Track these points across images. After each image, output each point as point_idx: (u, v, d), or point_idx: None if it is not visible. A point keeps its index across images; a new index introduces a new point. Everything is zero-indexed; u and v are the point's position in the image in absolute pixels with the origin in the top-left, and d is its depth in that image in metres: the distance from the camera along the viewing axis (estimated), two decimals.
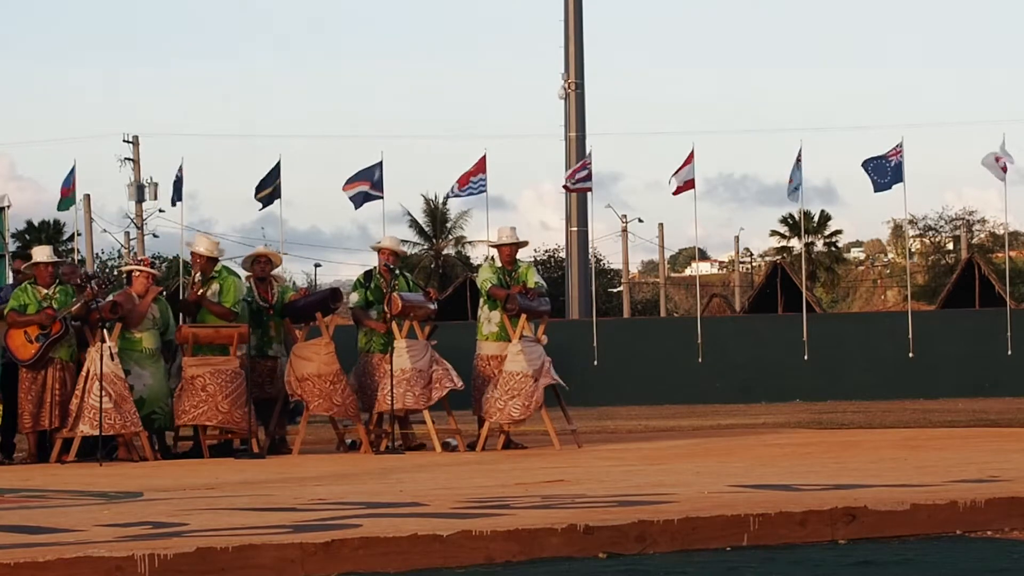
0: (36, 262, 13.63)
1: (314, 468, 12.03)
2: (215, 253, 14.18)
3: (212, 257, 14.13)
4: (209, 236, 14.60)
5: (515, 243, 14.56)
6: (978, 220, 67.42)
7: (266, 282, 14.47)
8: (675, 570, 5.82)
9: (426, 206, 64.32)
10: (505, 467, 11.35)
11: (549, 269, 57.17)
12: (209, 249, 14.17)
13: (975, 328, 33.31)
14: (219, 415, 13.58)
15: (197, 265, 14.19)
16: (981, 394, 30.55)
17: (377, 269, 14.62)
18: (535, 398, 13.99)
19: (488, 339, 14.34)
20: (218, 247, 14.38)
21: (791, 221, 63.23)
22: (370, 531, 6.14)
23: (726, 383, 32.24)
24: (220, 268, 14.19)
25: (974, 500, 6.96)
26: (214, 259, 14.15)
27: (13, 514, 7.83)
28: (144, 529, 6.60)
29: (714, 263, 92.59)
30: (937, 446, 12.90)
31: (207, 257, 14.10)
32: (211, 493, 9.18)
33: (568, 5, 40.38)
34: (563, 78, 40.60)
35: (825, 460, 11.16)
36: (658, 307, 63.64)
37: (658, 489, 8.16)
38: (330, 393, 13.77)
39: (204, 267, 14.11)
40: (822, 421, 19.84)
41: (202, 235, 14.73)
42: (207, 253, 14.12)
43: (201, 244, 14.29)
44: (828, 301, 66.25)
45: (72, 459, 13.20)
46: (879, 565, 5.87)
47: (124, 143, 54.29)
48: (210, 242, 14.37)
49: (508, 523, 6.32)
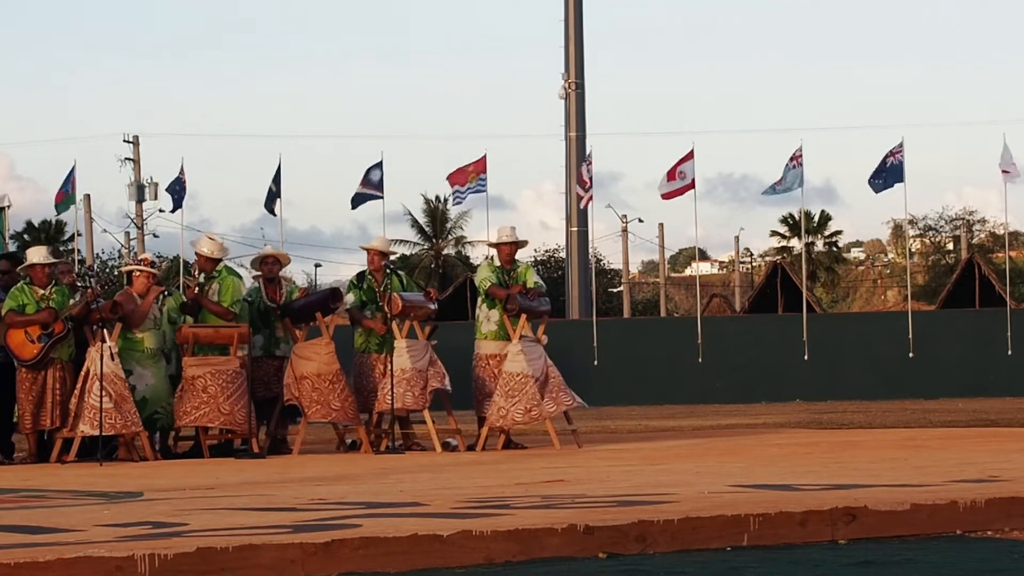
0: (32, 263, 13.62)
1: (314, 468, 12.03)
2: (216, 254, 14.21)
3: (214, 258, 14.17)
4: (215, 237, 14.64)
5: (515, 242, 14.57)
6: (978, 220, 67.48)
7: (275, 282, 14.49)
8: (675, 570, 5.82)
9: (426, 206, 64.38)
10: (505, 467, 11.34)
11: (549, 269, 57.18)
12: (211, 250, 14.21)
13: (975, 328, 33.31)
14: (221, 416, 13.59)
15: (200, 265, 14.26)
16: (981, 394, 30.54)
17: (369, 269, 14.64)
18: (546, 409, 13.98)
19: (487, 338, 14.34)
20: (222, 247, 14.41)
21: (791, 221, 63.24)
22: (370, 531, 6.14)
23: (726, 383, 32.24)
24: (221, 268, 14.21)
25: (974, 500, 6.96)
26: (216, 259, 14.18)
27: (13, 514, 7.83)
28: (144, 529, 6.59)
29: (714, 263, 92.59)
30: (937, 446, 12.90)
31: (208, 257, 14.14)
32: (211, 493, 9.18)
33: (568, 5, 40.38)
34: (563, 78, 40.59)
35: (825, 460, 11.16)
36: (658, 307, 63.63)
37: (658, 489, 8.16)
38: (328, 397, 13.74)
39: (206, 267, 14.15)
40: (822, 421, 19.84)
41: (207, 236, 14.76)
42: (208, 254, 14.17)
43: (204, 245, 14.34)
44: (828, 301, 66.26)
45: (72, 459, 13.20)
46: (879, 565, 5.87)
47: (124, 143, 54.34)
48: (213, 243, 14.40)
49: (508, 523, 6.32)
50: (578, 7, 40.39)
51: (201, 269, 14.27)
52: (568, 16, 40.35)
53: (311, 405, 13.77)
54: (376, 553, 5.91)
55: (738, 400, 30.44)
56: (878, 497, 7.07)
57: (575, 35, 40.36)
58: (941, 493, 7.28)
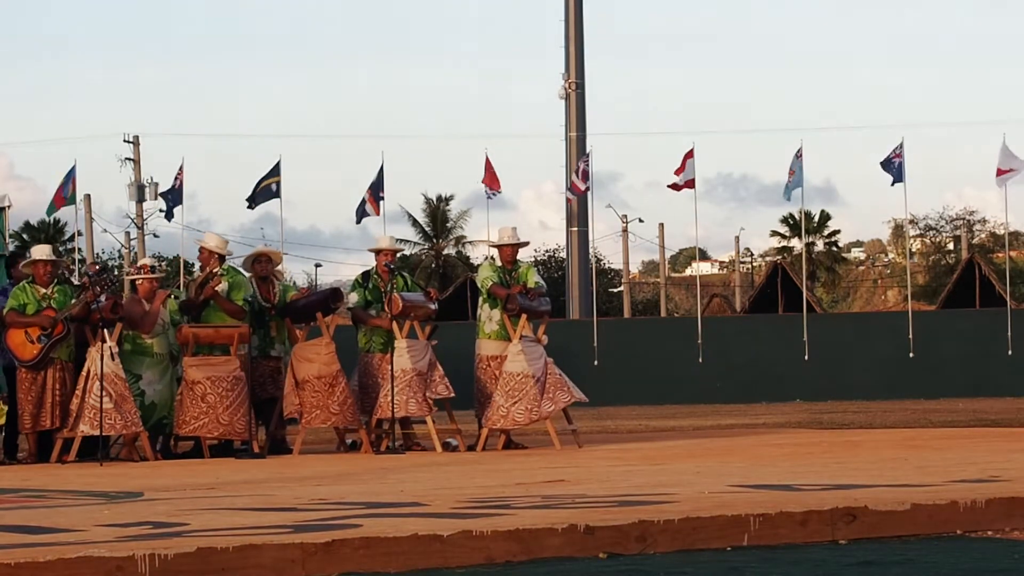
0: (34, 259, 13.62)
1: (314, 468, 12.03)
2: (222, 250, 14.25)
3: (220, 255, 14.21)
4: (219, 235, 14.71)
5: (517, 244, 14.58)
6: (979, 220, 67.51)
7: (268, 281, 14.49)
8: (676, 570, 5.82)
9: (426, 206, 64.40)
10: (505, 467, 11.34)
11: (549, 269, 57.18)
12: (217, 245, 14.26)
13: (975, 328, 33.31)
14: (220, 427, 13.59)
15: (202, 260, 14.29)
16: (981, 394, 30.55)
17: (375, 269, 14.64)
18: (544, 409, 13.98)
19: (489, 338, 14.34)
20: (227, 244, 14.47)
21: (791, 221, 63.31)
22: (370, 531, 6.14)
23: (726, 383, 32.24)
24: (227, 267, 14.23)
25: (975, 500, 6.96)
26: (221, 257, 14.22)
27: (13, 514, 7.83)
28: (144, 529, 6.59)
29: (714, 263, 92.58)
30: (937, 446, 12.89)
31: (212, 252, 14.17)
32: (212, 493, 9.18)
33: (568, 5, 40.37)
34: (563, 78, 40.59)
35: (825, 460, 11.16)
36: (658, 307, 63.63)
37: (658, 489, 8.16)
38: (327, 401, 13.72)
39: (207, 262, 14.18)
40: (822, 421, 19.84)
41: (211, 233, 14.83)
42: (214, 248, 14.20)
43: (210, 240, 14.39)
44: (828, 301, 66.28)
45: (72, 459, 13.20)
46: (880, 565, 5.87)
47: (124, 143, 54.32)
48: (219, 239, 14.47)
49: (508, 523, 6.32)
50: (578, 7, 40.39)
51: (203, 264, 14.30)
52: (568, 16, 40.35)
53: (311, 411, 13.76)
54: (376, 553, 5.91)
55: (738, 400, 30.44)
56: (878, 497, 7.07)
57: (575, 35, 40.36)
58: (941, 493, 7.28)
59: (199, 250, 14.51)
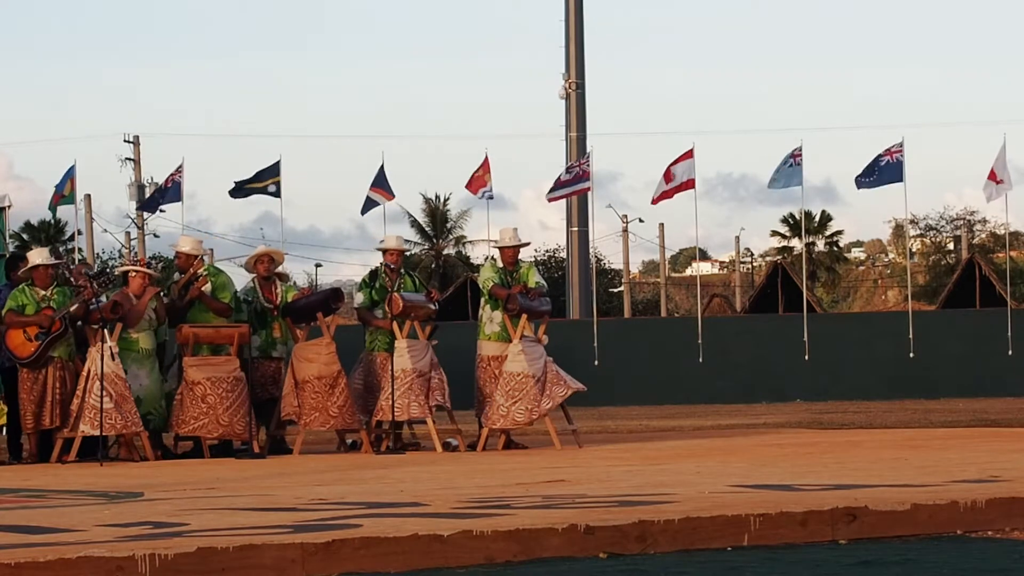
0: (35, 264, 13.62)
1: (314, 468, 12.03)
2: (197, 251, 14.30)
3: (195, 255, 14.25)
4: (192, 237, 14.78)
5: (518, 245, 14.58)
6: (979, 220, 67.45)
7: (271, 281, 14.48)
8: (676, 570, 5.82)
9: (426, 206, 64.37)
10: (505, 467, 11.34)
11: (549, 269, 57.16)
12: (194, 248, 14.30)
13: (975, 328, 33.29)
14: (220, 428, 13.59)
15: (179, 264, 14.31)
16: (981, 394, 30.53)
17: (382, 269, 14.63)
18: (543, 406, 13.97)
19: (490, 339, 14.34)
20: (201, 245, 14.51)
21: (792, 221, 63.26)
22: (371, 531, 6.14)
23: (726, 383, 32.21)
24: (209, 267, 14.26)
25: (975, 500, 6.96)
26: (194, 256, 14.26)
27: (13, 514, 7.83)
28: (145, 529, 6.60)
29: (715, 263, 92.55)
30: (938, 446, 12.90)
31: (188, 255, 14.20)
32: (212, 493, 9.18)
33: (568, 5, 40.35)
34: (563, 78, 40.58)
35: (826, 460, 11.16)
36: (659, 307, 63.61)
37: (659, 489, 8.16)
38: (327, 403, 13.71)
39: (185, 265, 14.19)
40: (822, 421, 19.83)
41: (185, 236, 14.89)
42: (189, 251, 14.23)
43: (185, 244, 14.43)
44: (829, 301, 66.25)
45: (73, 459, 13.20)
46: (880, 565, 5.87)
47: (124, 143, 54.33)
48: (193, 241, 14.51)
49: (509, 523, 6.32)
50: (578, 7, 40.38)
51: (179, 268, 14.32)
52: (568, 16, 40.33)
53: (310, 413, 13.75)
54: (377, 553, 5.91)
55: (738, 400, 30.42)
56: (878, 497, 7.07)
57: (575, 35, 40.34)
58: (941, 493, 7.29)
59: (175, 255, 14.53)
